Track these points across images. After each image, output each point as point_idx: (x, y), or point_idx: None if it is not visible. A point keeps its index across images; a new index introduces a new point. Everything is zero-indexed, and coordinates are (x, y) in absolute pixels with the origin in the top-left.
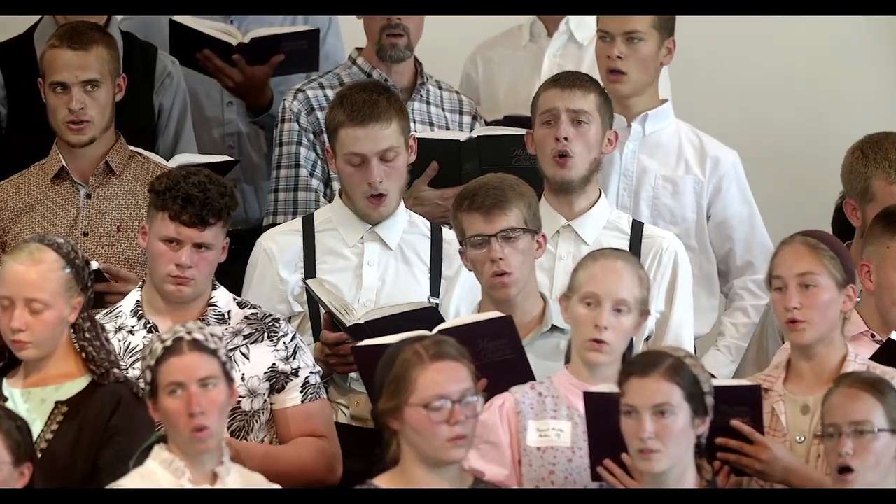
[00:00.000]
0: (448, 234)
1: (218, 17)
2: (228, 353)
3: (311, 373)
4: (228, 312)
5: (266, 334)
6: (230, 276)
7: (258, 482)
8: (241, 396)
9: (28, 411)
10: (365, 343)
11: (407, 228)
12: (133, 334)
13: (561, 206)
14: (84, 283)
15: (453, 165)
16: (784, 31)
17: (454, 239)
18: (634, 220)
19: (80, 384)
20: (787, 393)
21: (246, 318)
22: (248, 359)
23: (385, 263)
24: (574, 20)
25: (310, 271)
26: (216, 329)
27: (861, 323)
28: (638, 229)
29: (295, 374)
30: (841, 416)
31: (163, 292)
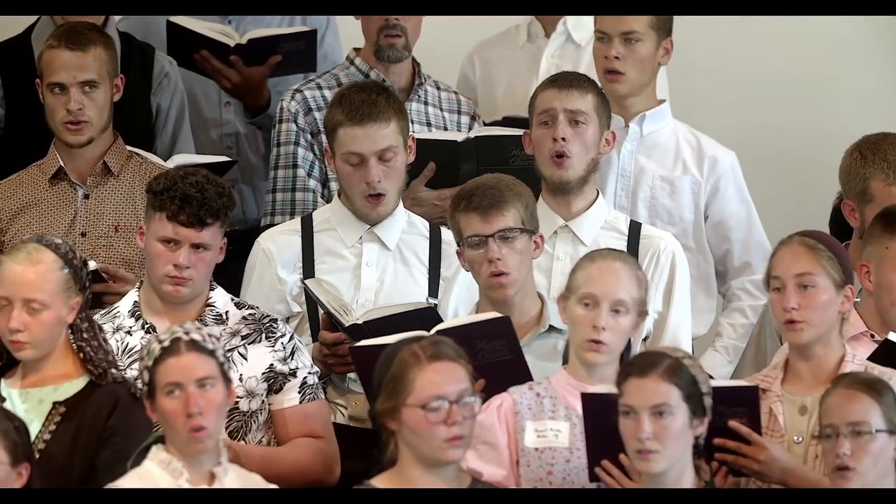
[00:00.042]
0: (447, 234)
1: (215, 17)
2: (226, 353)
3: (309, 373)
4: (226, 313)
5: (264, 335)
6: (228, 276)
7: (256, 482)
8: (239, 397)
9: (26, 412)
10: (363, 343)
11: (406, 229)
12: (131, 335)
13: (558, 207)
14: (82, 283)
15: (451, 166)
16: (784, 31)
17: (453, 239)
18: (632, 221)
19: (77, 384)
20: (784, 393)
21: (244, 318)
22: (246, 359)
23: (384, 264)
24: (572, 20)
25: (308, 271)
26: (214, 329)
27: (861, 323)
28: (636, 230)
29: (293, 374)
30: (838, 417)
31: (160, 293)
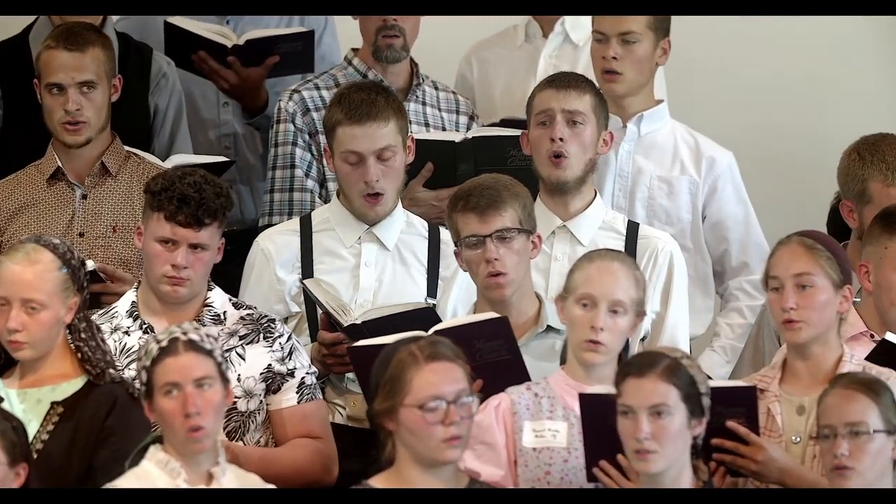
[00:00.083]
0: (445, 234)
1: (213, 17)
2: (224, 353)
3: (306, 373)
4: (224, 313)
5: (262, 335)
6: (226, 276)
7: (254, 482)
8: (237, 397)
9: (24, 412)
10: (361, 343)
11: (404, 229)
12: (129, 335)
13: (556, 207)
14: (80, 283)
15: (448, 166)
16: (783, 31)
17: (451, 240)
18: (630, 221)
19: (75, 385)
20: (782, 393)
21: (242, 318)
22: (243, 359)
23: (382, 264)
24: (570, 21)
25: (307, 271)
26: (212, 330)
27: (860, 323)
28: (633, 230)
29: (291, 374)
30: (836, 418)
31: (158, 293)
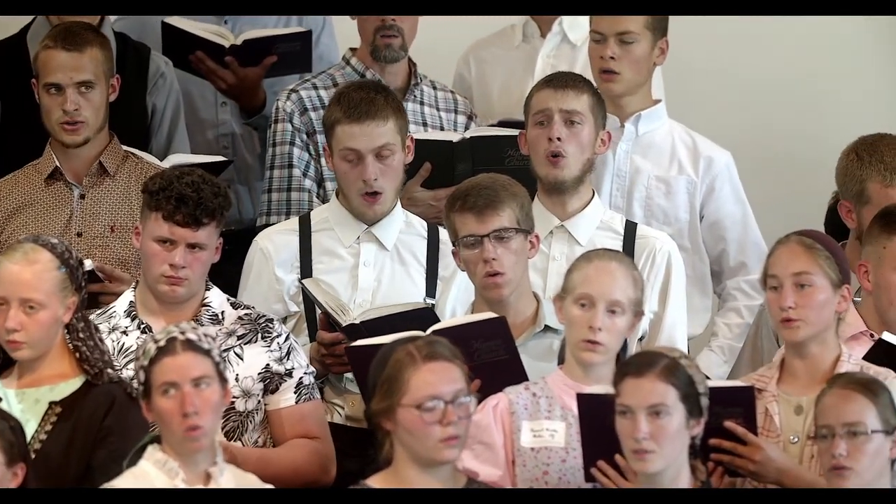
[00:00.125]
0: (444, 234)
1: (211, 17)
2: (222, 353)
3: (304, 373)
4: (222, 313)
5: (260, 335)
6: (224, 276)
7: (252, 482)
8: (235, 397)
9: (22, 412)
10: (359, 343)
11: (403, 229)
12: (127, 335)
13: (554, 207)
14: (78, 283)
15: (446, 166)
16: (783, 31)
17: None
18: (628, 221)
19: (74, 384)
20: (780, 393)
21: (240, 318)
22: (241, 359)
23: (381, 264)
24: (567, 20)
25: (306, 271)
26: (210, 329)
27: (860, 323)
28: (631, 230)
29: (289, 374)
30: (834, 418)
31: (156, 293)
